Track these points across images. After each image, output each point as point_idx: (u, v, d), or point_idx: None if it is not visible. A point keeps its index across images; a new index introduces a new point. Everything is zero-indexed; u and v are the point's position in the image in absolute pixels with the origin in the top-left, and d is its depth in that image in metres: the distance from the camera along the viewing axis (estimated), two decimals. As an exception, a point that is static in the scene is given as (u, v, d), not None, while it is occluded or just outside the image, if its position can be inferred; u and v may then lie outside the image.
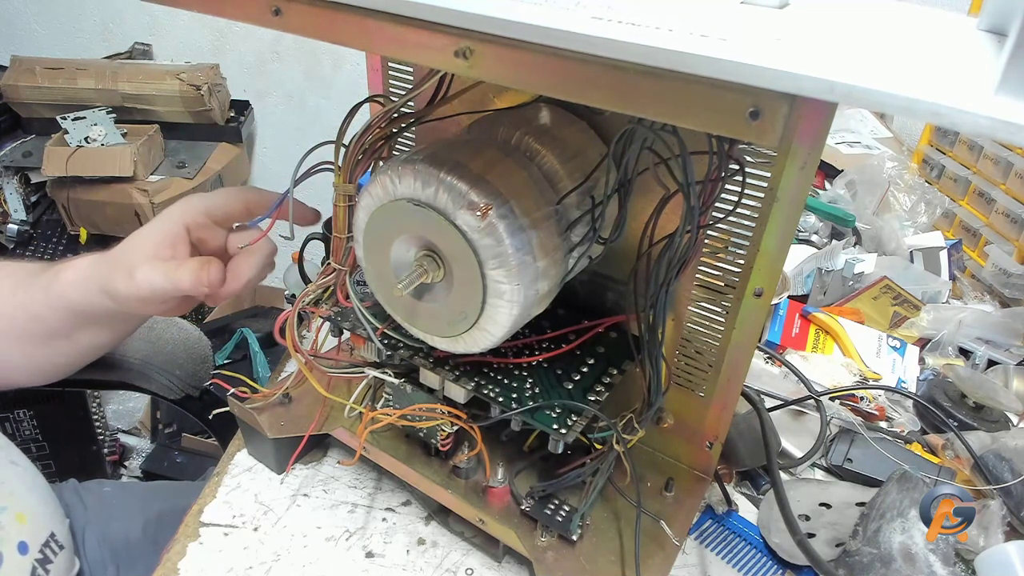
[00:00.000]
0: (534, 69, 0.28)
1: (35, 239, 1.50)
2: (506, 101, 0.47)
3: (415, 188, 0.38)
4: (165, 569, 0.49)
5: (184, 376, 0.78)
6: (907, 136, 1.28)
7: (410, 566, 0.50)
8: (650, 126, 0.37)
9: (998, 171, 0.95)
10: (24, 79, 1.47)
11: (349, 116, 0.46)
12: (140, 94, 1.48)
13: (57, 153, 1.36)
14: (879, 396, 0.68)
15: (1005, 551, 0.48)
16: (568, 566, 0.46)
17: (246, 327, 1.47)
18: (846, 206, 0.97)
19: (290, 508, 0.54)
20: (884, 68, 0.23)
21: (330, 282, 0.49)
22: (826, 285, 0.85)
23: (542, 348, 0.48)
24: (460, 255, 0.38)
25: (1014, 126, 0.20)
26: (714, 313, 0.47)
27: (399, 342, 0.47)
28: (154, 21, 1.69)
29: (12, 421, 0.90)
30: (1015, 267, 0.87)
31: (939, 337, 0.78)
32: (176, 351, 0.79)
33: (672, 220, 0.40)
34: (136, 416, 1.55)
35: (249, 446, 0.58)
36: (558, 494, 0.48)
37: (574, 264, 0.43)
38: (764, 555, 0.54)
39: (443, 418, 0.48)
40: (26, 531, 0.55)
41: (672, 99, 0.26)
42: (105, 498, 0.71)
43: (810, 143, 0.38)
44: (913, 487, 0.52)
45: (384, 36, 0.30)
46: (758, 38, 0.26)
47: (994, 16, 0.29)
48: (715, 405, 0.50)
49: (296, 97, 1.71)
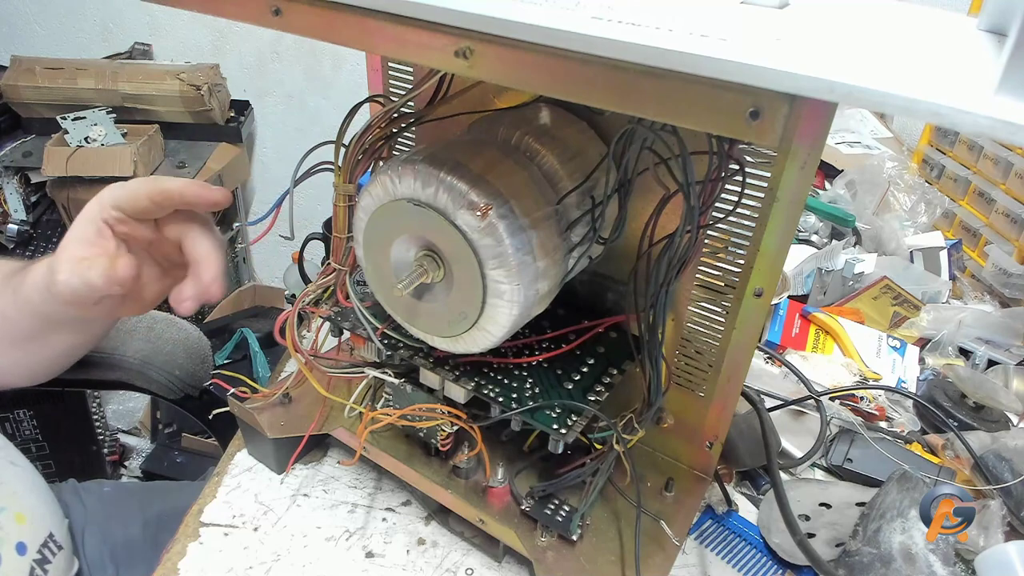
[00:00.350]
0: (534, 69, 0.28)
1: (35, 239, 1.50)
2: (506, 101, 0.47)
3: (415, 188, 0.38)
4: (165, 569, 0.49)
5: (184, 376, 0.78)
6: (907, 136, 1.28)
7: (410, 566, 0.50)
8: (650, 126, 0.37)
9: (998, 171, 0.95)
10: (24, 79, 1.47)
11: (349, 116, 0.46)
12: (140, 94, 1.48)
13: (57, 153, 1.36)
14: (879, 396, 0.68)
15: (1005, 551, 0.48)
16: (568, 566, 0.46)
17: (246, 327, 1.46)
18: (846, 206, 0.97)
19: (290, 508, 0.54)
20: (884, 68, 0.23)
21: (330, 282, 0.49)
22: (826, 285, 0.85)
23: (542, 348, 0.48)
24: (460, 255, 0.38)
25: (1014, 126, 0.20)
26: (714, 313, 0.47)
27: (399, 342, 0.47)
28: (154, 21, 1.69)
29: (12, 421, 0.90)
30: (1015, 267, 0.87)
31: (939, 337, 0.78)
32: (176, 351, 0.79)
33: (672, 220, 0.40)
34: (136, 416, 1.55)
35: (249, 446, 0.58)
36: (558, 494, 0.48)
37: (574, 264, 0.43)
38: (764, 555, 0.54)
39: (443, 418, 0.48)
40: (25, 531, 0.55)
41: (672, 99, 0.26)
42: (105, 498, 0.71)
43: (810, 143, 0.38)
44: (913, 487, 0.52)
45: (384, 36, 0.30)
46: (758, 38, 0.26)
47: (994, 16, 0.29)
48: (715, 405, 0.50)
49: (296, 97, 1.71)
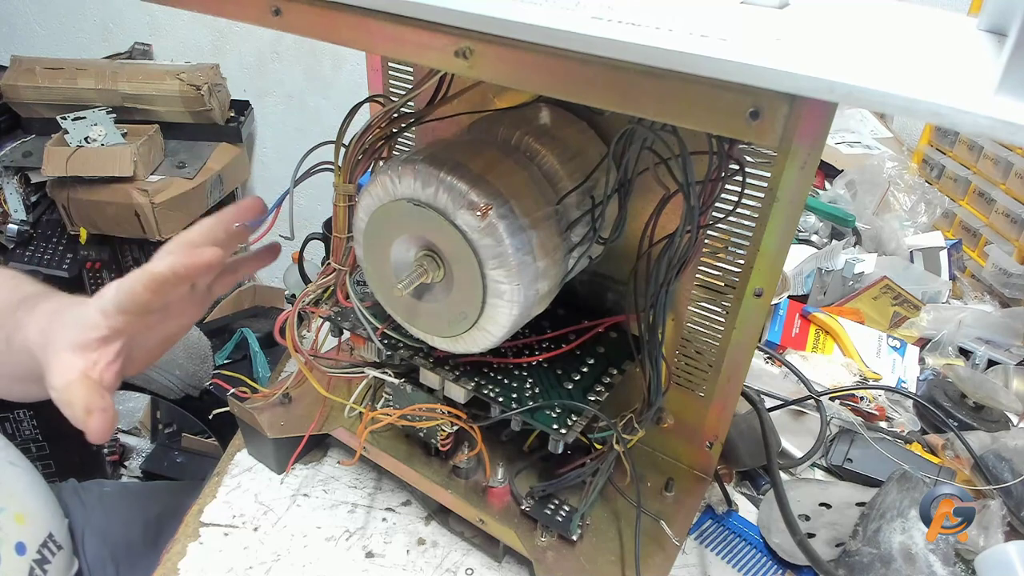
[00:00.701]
0: (534, 69, 0.28)
1: (35, 239, 1.50)
2: (506, 101, 0.47)
3: (415, 188, 0.38)
4: (165, 569, 0.49)
5: (184, 376, 0.78)
6: (907, 136, 1.27)
7: (410, 566, 0.50)
8: (650, 126, 0.37)
9: (998, 171, 0.95)
10: (24, 79, 1.47)
11: (349, 116, 0.46)
12: (140, 94, 1.48)
13: (57, 153, 1.36)
14: (879, 396, 0.68)
15: (1005, 551, 0.48)
16: (568, 566, 0.46)
17: (246, 327, 1.46)
18: (846, 206, 0.97)
19: (290, 508, 0.54)
20: (884, 68, 0.23)
21: (330, 282, 0.49)
22: (826, 285, 0.85)
23: (542, 348, 0.48)
24: (460, 255, 0.38)
25: (1014, 126, 0.20)
26: (714, 313, 0.47)
27: (399, 342, 0.47)
28: (154, 21, 1.69)
29: (12, 421, 0.90)
30: (1015, 267, 0.87)
31: (939, 337, 0.78)
32: (176, 351, 0.79)
33: (672, 220, 0.40)
34: (136, 416, 1.55)
35: (249, 446, 0.58)
36: (558, 494, 0.48)
37: (574, 264, 0.43)
38: (764, 555, 0.54)
39: (443, 418, 0.48)
40: (24, 531, 0.55)
41: (672, 99, 0.26)
42: (105, 498, 0.71)
43: (810, 143, 0.38)
44: (913, 487, 0.52)
45: (384, 36, 0.30)
46: (758, 38, 0.26)
47: (994, 16, 0.29)
48: (715, 405, 0.50)
49: (296, 97, 1.71)
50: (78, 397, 0.43)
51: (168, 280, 0.45)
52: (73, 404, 0.43)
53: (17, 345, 0.49)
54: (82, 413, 0.43)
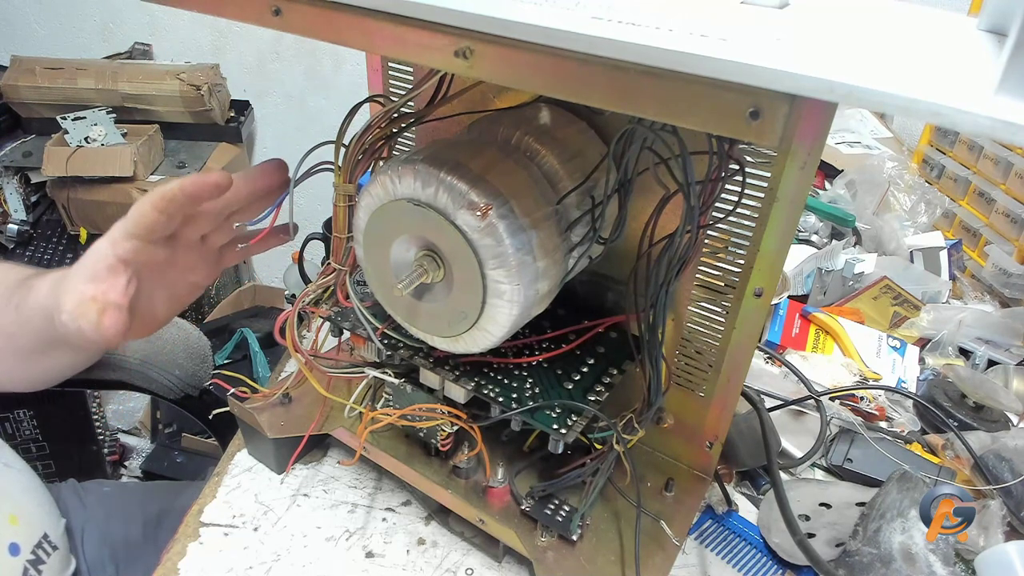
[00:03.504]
0: (534, 69, 0.28)
1: (35, 239, 1.50)
2: (506, 101, 0.47)
3: (415, 188, 0.38)
4: (165, 569, 0.49)
5: (184, 376, 0.78)
6: (907, 136, 1.28)
7: (410, 566, 0.50)
8: (650, 126, 0.37)
9: (998, 171, 0.95)
10: (24, 79, 1.47)
11: (349, 116, 0.46)
12: (140, 94, 1.48)
13: (57, 153, 1.36)
14: (879, 396, 0.68)
15: (1005, 551, 0.48)
16: (568, 566, 0.46)
17: (246, 327, 1.46)
18: (846, 206, 0.97)
19: (290, 508, 0.54)
20: (884, 68, 0.23)
21: (330, 282, 0.49)
22: (826, 285, 0.85)
23: (542, 348, 0.48)
24: (460, 255, 0.38)
25: (1014, 126, 0.20)
26: (714, 313, 0.47)
27: (399, 342, 0.47)
28: (154, 21, 1.69)
29: (12, 421, 0.90)
30: (1015, 267, 0.87)
31: (939, 337, 0.78)
32: (176, 351, 0.79)
33: (672, 220, 0.40)
34: (136, 416, 1.55)
35: (249, 446, 0.58)
36: (558, 494, 0.48)
37: (574, 264, 0.43)
38: (764, 555, 0.54)
39: (443, 418, 0.48)
40: (18, 532, 0.55)
41: (672, 99, 0.26)
42: (105, 498, 0.71)
43: (810, 143, 0.38)
44: (913, 487, 0.52)
45: (384, 36, 0.30)
46: (758, 38, 0.26)
47: (994, 16, 0.29)
48: (715, 405, 0.50)
49: (296, 97, 1.71)
50: (90, 308, 0.45)
51: (176, 198, 0.46)
52: (87, 315, 0.44)
53: (29, 306, 0.51)
54: (95, 314, 0.44)
